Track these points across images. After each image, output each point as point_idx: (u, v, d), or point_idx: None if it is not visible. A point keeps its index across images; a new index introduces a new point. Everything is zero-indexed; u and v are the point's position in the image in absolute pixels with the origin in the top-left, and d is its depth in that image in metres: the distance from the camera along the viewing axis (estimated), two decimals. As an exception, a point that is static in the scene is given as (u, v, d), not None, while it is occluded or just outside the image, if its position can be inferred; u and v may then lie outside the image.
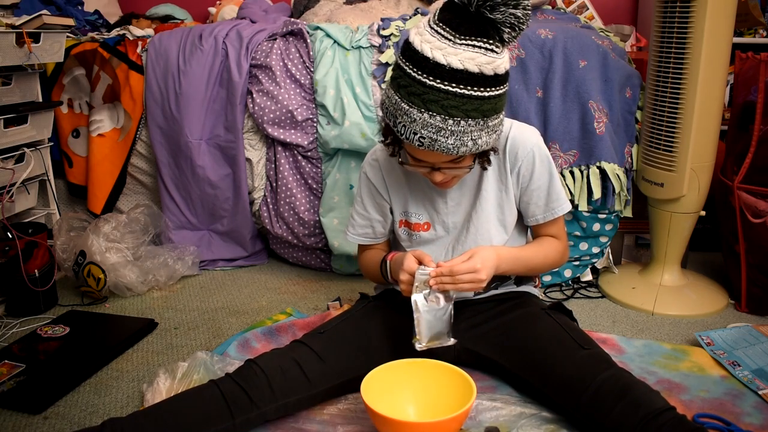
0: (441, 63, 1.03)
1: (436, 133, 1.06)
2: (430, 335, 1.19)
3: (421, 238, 1.34)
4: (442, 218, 1.32)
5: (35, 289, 1.74)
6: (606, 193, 1.79)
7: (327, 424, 1.21)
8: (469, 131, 1.07)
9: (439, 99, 1.04)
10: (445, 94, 1.04)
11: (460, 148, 1.08)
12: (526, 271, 1.32)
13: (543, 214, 1.30)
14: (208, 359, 1.36)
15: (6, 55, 1.74)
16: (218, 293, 1.92)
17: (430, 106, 1.04)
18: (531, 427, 1.17)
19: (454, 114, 1.05)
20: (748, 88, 1.72)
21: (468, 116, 1.06)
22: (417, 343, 1.18)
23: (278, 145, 1.99)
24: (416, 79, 1.05)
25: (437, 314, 1.19)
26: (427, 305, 1.18)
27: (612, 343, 1.50)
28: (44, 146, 2.00)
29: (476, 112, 1.06)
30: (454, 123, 1.05)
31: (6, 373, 1.42)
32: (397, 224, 1.36)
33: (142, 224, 1.99)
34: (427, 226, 1.33)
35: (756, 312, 1.74)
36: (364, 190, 1.37)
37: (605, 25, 2.51)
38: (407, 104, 1.06)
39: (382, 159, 1.34)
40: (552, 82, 1.78)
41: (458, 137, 1.07)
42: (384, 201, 1.35)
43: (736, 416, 1.21)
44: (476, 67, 1.03)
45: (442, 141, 1.06)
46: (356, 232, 1.40)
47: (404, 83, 1.07)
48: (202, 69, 1.99)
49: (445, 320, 1.20)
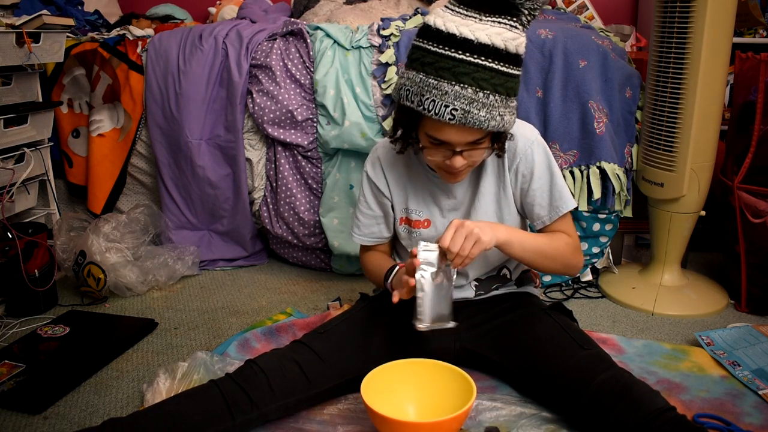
0: (469, 38, 1.03)
1: (468, 105, 1.04)
2: (433, 315, 1.16)
3: (420, 235, 1.33)
4: (444, 215, 1.32)
5: (35, 289, 1.74)
6: (606, 193, 1.79)
7: (327, 424, 1.21)
8: (497, 106, 1.06)
9: (470, 71, 1.04)
10: (475, 66, 1.04)
11: (491, 122, 1.07)
12: (538, 257, 1.24)
13: (548, 214, 1.27)
14: (208, 359, 1.36)
15: (6, 55, 1.74)
16: (218, 293, 1.92)
17: (461, 78, 1.04)
18: (531, 427, 1.17)
19: (484, 87, 1.04)
20: (748, 88, 1.72)
21: (496, 91, 1.06)
22: (418, 323, 1.15)
23: (278, 145, 1.99)
24: (444, 55, 1.05)
25: (441, 293, 1.15)
26: (432, 284, 1.15)
27: (612, 343, 1.50)
28: (44, 146, 2.00)
29: (503, 88, 1.06)
30: (485, 96, 1.05)
31: (6, 373, 1.42)
32: (398, 221, 1.36)
33: (142, 224, 1.99)
34: (427, 223, 1.32)
35: (756, 312, 1.74)
36: (366, 189, 1.36)
37: (605, 25, 2.51)
38: (436, 79, 1.05)
39: (383, 156, 1.33)
40: (552, 82, 1.78)
41: (489, 110, 1.06)
42: (385, 199, 1.35)
43: (736, 416, 1.21)
44: (502, 42, 1.04)
45: (475, 113, 1.05)
46: (362, 233, 1.39)
47: (430, 60, 1.06)
48: (202, 69, 1.99)
49: (448, 301, 1.17)
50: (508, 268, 1.38)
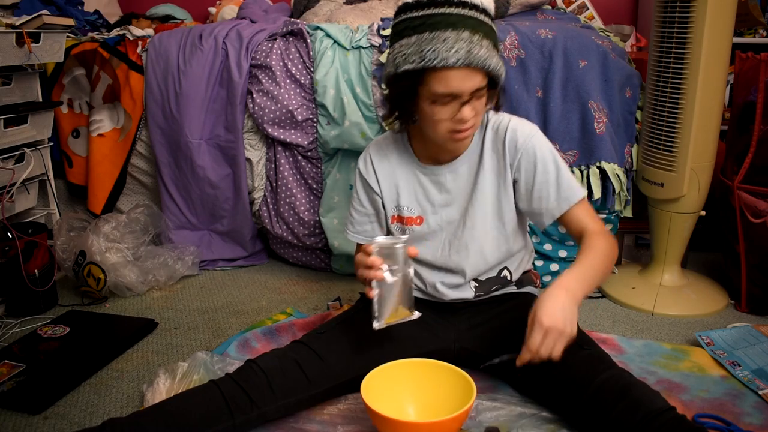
0: None
1: (468, 45, 1.07)
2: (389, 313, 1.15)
3: (414, 232, 1.32)
4: (436, 211, 1.30)
5: (35, 289, 1.74)
6: (606, 193, 1.79)
7: (327, 424, 1.21)
8: (490, 49, 1.10)
9: (461, 20, 1.08)
10: (462, 17, 1.08)
11: (491, 61, 1.10)
12: (600, 280, 1.18)
13: (558, 206, 1.23)
14: (208, 359, 1.36)
15: (6, 55, 1.74)
16: (218, 293, 1.92)
17: (456, 25, 1.08)
18: (531, 427, 1.17)
19: (477, 31, 1.08)
20: (748, 88, 1.72)
21: (486, 37, 1.10)
22: (375, 322, 1.14)
23: (278, 145, 1.99)
24: (432, 14, 1.08)
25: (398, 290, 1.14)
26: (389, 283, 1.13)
27: (612, 343, 1.50)
28: (44, 146, 2.00)
29: (489, 36, 1.10)
30: (479, 39, 1.08)
31: (6, 373, 1.42)
32: (390, 220, 1.35)
33: (142, 224, 1.99)
34: (419, 220, 1.31)
35: (756, 312, 1.74)
36: (359, 186, 1.36)
37: (605, 25, 2.51)
38: (431, 32, 1.08)
39: (374, 153, 1.33)
40: (552, 82, 1.78)
41: (486, 50, 1.09)
42: (376, 196, 1.34)
43: (736, 416, 1.21)
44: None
45: (475, 52, 1.08)
46: (355, 230, 1.39)
47: (419, 22, 1.09)
48: (202, 69, 1.99)
49: (407, 295, 1.14)
50: (509, 270, 1.37)
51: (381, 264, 1.14)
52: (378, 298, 1.15)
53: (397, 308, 1.16)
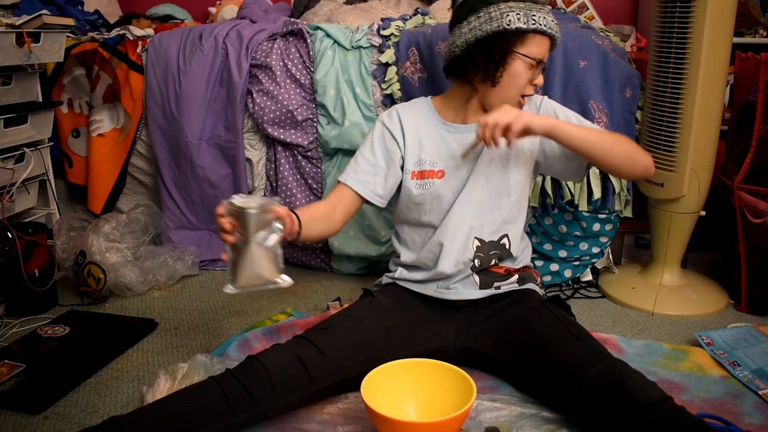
0: None
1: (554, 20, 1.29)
2: (245, 278, 1.10)
3: (434, 186, 1.36)
4: (457, 166, 1.36)
5: (35, 289, 1.74)
6: (606, 193, 1.79)
7: (327, 423, 1.21)
8: None
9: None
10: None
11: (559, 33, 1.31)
12: (596, 138, 1.26)
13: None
14: (208, 362, 1.36)
15: (6, 55, 1.74)
16: (218, 293, 1.92)
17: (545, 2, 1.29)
18: (531, 427, 1.17)
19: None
20: (748, 88, 1.72)
21: None
22: (229, 285, 1.10)
23: (278, 145, 1.99)
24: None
25: (257, 254, 1.09)
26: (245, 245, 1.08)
27: (612, 343, 1.50)
28: (44, 146, 2.00)
29: None
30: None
31: (6, 373, 1.42)
32: (409, 176, 1.38)
33: (142, 224, 1.98)
34: (441, 173, 1.37)
35: (756, 312, 1.74)
36: (376, 137, 1.41)
37: (605, 25, 2.51)
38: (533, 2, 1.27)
39: (400, 110, 1.42)
40: (552, 82, 1.77)
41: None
42: (396, 147, 1.39)
43: (736, 416, 1.21)
44: None
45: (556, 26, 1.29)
46: (356, 177, 1.38)
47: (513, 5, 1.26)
48: (202, 69, 1.99)
49: (270, 261, 1.10)
50: (509, 239, 1.38)
51: (229, 226, 1.10)
52: (231, 262, 1.10)
53: (256, 273, 1.10)
